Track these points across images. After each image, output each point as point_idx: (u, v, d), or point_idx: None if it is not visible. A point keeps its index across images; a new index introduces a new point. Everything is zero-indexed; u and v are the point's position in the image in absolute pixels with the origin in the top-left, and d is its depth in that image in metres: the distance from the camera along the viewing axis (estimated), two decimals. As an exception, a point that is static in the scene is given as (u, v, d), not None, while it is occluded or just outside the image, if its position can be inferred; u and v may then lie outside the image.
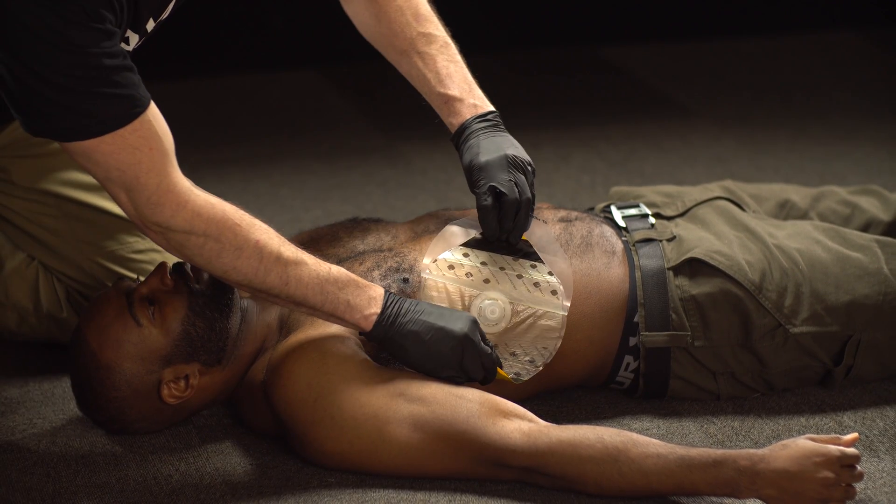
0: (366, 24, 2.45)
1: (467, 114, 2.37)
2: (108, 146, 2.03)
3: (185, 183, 2.11)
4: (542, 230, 2.37)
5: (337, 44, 4.23)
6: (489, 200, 2.29)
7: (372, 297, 2.22)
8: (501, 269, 2.32)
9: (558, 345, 2.31)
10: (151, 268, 2.55)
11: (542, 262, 2.34)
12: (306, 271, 2.18)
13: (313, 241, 2.46)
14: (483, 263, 2.33)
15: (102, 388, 2.26)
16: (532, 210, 2.31)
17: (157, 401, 2.28)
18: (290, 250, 2.17)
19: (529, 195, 2.30)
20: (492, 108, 2.38)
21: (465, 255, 2.34)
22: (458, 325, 2.23)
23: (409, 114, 3.77)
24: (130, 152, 2.05)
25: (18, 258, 2.61)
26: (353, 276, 2.22)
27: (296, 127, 3.96)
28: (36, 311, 2.61)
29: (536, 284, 2.31)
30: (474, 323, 2.24)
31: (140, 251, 2.59)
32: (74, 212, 2.56)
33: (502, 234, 2.32)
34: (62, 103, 1.99)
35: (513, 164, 2.30)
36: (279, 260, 2.16)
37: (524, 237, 2.35)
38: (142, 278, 2.38)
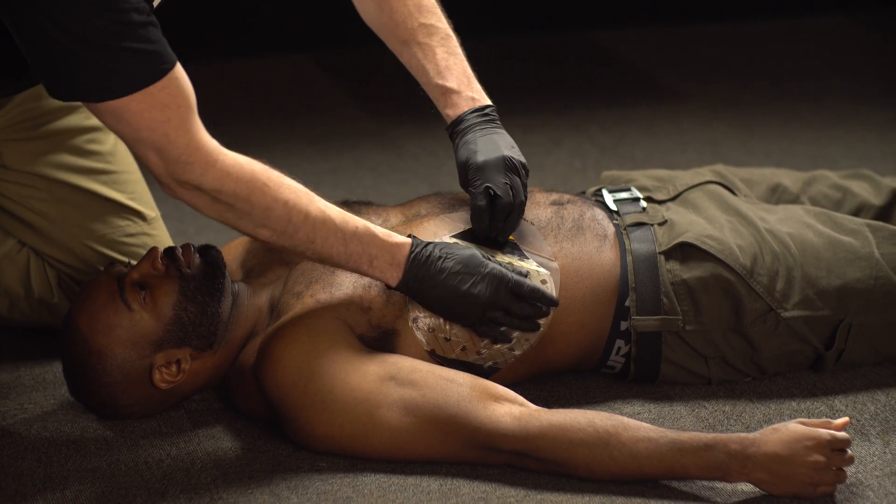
0: (369, 12, 2.45)
1: (464, 106, 2.37)
2: (139, 104, 2.03)
3: (213, 143, 2.12)
4: (530, 231, 2.37)
5: (329, 29, 4.23)
6: (484, 202, 2.29)
7: (396, 253, 2.22)
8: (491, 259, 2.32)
9: (542, 333, 2.31)
10: (143, 252, 2.54)
11: (528, 257, 2.34)
12: (332, 229, 2.19)
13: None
14: (473, 253, 2.33)
15: (94, 374, 2.26)
16: (523, 212, 2.32)
17: (148, 386, 2.27)
18: (316, 208, 2.18)
19: (522, 198, 2.31)
20: (489, 102, 2.38)
21: (456, 244, 2.33)
22: (478, 289, 2.24)
23: (400, 99, 3.78)
24: (160, 110, 2.04)
25: (9, 244, 2.60)
26: (377, 232, 2.22)
27: (287, 112, 3.95)
28: (27, 297, 2.61)
29: (526, 274, 2.31)
30: (500, 283, 2.25)
31: (131, 234, 2.59)
32: (66, 195, 2.55)
33: (491, 233, 2.32)
34: (92, 61, 1.98)
35: (509, 166, 2.31)
36: (307, 219, 2.17)
37: (511, 237, 2.36)
38: (133, 262, 2.38)
